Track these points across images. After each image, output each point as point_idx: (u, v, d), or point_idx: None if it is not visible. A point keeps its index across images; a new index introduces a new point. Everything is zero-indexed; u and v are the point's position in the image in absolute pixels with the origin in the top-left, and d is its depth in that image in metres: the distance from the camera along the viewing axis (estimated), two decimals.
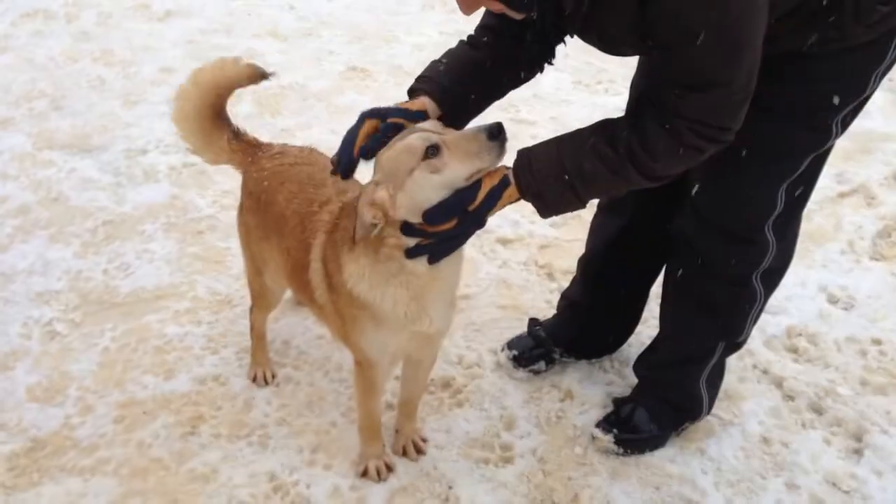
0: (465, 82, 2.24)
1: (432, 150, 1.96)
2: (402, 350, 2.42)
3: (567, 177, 2.01)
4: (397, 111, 2.15)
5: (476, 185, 2.01)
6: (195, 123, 2.71)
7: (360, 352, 2.40)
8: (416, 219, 2.02)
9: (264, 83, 2.80)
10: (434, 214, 2.00)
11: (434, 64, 2.30)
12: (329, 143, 4.62)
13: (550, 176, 2.02)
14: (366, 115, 2.11)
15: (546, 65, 2.25)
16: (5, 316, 3.29)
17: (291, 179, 2.60)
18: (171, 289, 3.52)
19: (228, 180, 4.21)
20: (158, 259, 3.71)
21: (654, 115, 1.94)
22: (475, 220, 2.04)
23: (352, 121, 2.14)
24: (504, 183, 2.03)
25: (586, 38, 2.10)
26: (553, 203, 2.07)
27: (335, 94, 5.34)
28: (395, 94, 5.33)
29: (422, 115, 2.15)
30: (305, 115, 5.06)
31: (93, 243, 3.79)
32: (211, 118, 2.72)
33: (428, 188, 1.98)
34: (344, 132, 2.13)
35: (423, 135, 2.00)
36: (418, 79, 2.29)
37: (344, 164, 2.09)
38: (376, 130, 2.10)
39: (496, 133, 1.95)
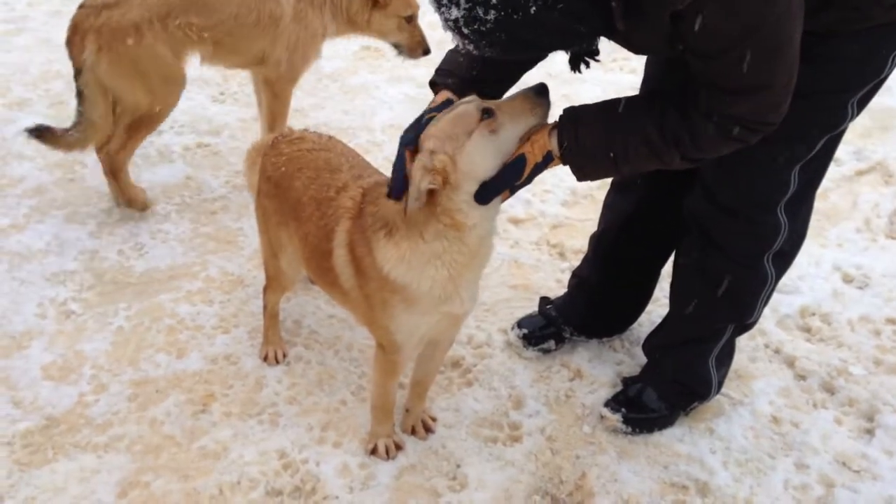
0: (486, 70, 2.24)
1: (487, 113, 2.00)
2: (429, 332, 2.42)
3: (612, 154, 2.04)
4: (429, 113, 2.15)
5: (521, 161, 2.04)
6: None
7: (387, 335, 2.38)
8: (472, 186, 2.04)
9: None
10: (486, 194, 2.05)
11: (453, 55, 2.29)
12: (342, 124, 4.69)
13: (597, 152, 2.05)
14: (404, 143, 2.09)
15: (593, 61, 2.21)
16: (21, 296, 3.33)
17: (309, 165, 2.60)
18: (184, 269, 3.55)
19: (241, 161, 4.21)
20: (172, 239, 3.74)
21: (701, 110, 1.94)
22: (513, 193, 2.14)
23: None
24: (547, 159, 2.07)
25: (615, 41, 2.08)
26: (592, 172, 2.13)
27: (349, 75, 5.32)
28: (407, 74, 5.36)
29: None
30: (319, 96, 5.04)
31: (108, 223, 3.82)
32: None
33: (487, 150, 2.02)
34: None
35: (474, 102, 2.04)
36: (438, 71, 2.30)
37: (398, 187, 2.08)
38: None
39: (543, 91, 2.06)
